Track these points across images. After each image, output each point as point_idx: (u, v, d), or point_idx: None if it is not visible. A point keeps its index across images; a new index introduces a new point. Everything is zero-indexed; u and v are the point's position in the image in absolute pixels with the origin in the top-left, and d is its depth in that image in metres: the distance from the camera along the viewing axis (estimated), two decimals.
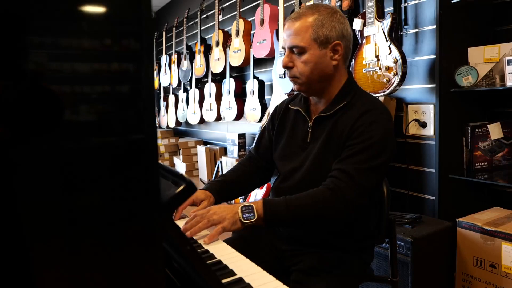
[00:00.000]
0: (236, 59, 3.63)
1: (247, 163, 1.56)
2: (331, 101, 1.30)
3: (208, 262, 0.99)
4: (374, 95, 2.28)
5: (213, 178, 4.22)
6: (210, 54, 4.17)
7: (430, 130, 2.25)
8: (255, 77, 3.52)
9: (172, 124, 5.24)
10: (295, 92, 1.45)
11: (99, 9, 0.50)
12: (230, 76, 3.87)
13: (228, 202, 3.13)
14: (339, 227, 1.28)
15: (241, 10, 3.67)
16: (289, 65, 1.29)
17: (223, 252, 1.08)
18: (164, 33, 5.51)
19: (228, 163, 4.02)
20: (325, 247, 1.30)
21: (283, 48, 1.33)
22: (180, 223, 1.24)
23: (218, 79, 4.26)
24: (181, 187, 0.62)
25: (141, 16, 0.52)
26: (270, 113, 3.21)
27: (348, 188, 1.15)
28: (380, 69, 2.22)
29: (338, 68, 1.30)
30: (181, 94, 4.95)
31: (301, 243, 1.32)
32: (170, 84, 5.21)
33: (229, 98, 3.86)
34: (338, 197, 1.15)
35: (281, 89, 3.01)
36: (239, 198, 3.17)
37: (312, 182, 1.23)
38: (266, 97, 3.53)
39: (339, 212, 1.16)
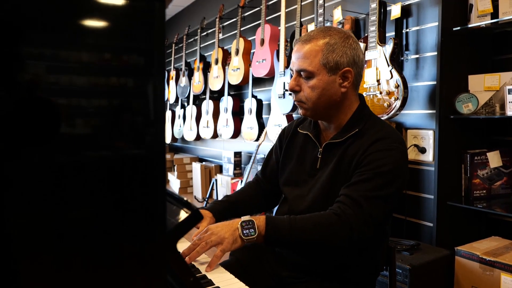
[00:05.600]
0: (235, 78, 3.63)
1: (254, 186, 1.51)
2: (342, 128, 1.26)
3: None
4: None
5: (207, 195, 4.18)
6: (209, 72, 4.18)
7: (429, 156, 2.24)
8: (253, 96, 3.52)
9: (168, 140, 5.21)
10: (294, 115, 1.40)
11: (101, 23, 0.48)
12: (228, 94, 3.87)
13: None
14: (337, 256, 1.23)
15: (241, 29, 3.69)
16: (295, 88, 1.24)
17: (222, 278, 1.06)
18: None
19: (223, 181, 3.98)
20: (328, 276, 1.25)
21: (291, 70, 1.27)
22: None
23: (216, 96, 4.25)
24: (187, 215, 0.59)
25: (152, 29, 0.50)
26: (267, 132, 3.20)
27: (355, 215, 1.10)
28: (380, 93, 2.22)
29: (347, 95, 1.25)
30: (178, 110, 4.94)
31: (303, 269, 1.27)
32: (167, 100, 5.21)
33: (226, 116, 3.85)
34: (344, 224, 1.10)
35: (280, 110, 3.00)
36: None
37: (319, 209, 1.18)
38: (264, 116, 3.52)
39: (342, 240, 1.11)
